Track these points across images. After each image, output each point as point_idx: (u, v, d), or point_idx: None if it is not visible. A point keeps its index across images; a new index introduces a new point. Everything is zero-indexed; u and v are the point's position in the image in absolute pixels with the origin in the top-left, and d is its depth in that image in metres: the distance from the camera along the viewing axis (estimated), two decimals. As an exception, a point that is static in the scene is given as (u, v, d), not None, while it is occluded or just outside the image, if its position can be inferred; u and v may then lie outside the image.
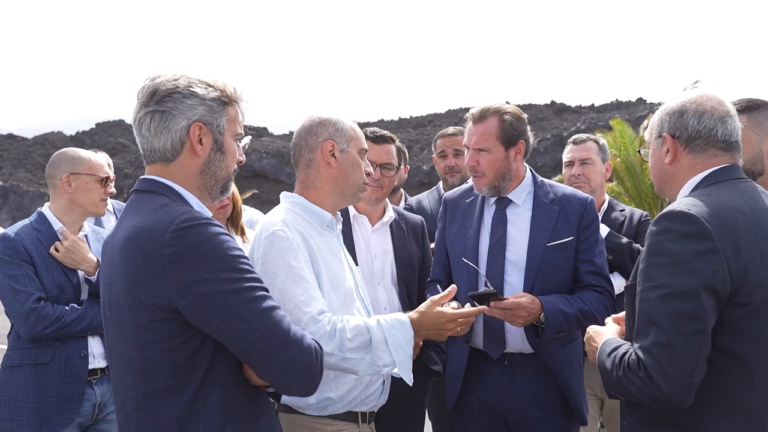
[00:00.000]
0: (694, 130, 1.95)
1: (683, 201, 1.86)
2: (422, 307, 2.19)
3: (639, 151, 2.21)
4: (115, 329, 1.75)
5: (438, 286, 2.87)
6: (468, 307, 2.59)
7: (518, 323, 2.61)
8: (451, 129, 4.13)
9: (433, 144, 4.25)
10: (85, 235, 3.11)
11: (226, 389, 1.70)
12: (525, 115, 2.85)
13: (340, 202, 2.39)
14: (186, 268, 1.60)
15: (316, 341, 1.77)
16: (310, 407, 2.29)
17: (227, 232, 1.70)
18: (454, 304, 2.66)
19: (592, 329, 2.15)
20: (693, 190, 1.93)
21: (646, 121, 11.90)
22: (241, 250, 1.69)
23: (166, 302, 1.61)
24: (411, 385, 2.14)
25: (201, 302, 1.60)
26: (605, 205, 3.74)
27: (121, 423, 1.79)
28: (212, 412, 1.68)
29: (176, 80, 1.77)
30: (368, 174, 2.43)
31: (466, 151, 2.87)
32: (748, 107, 2.57)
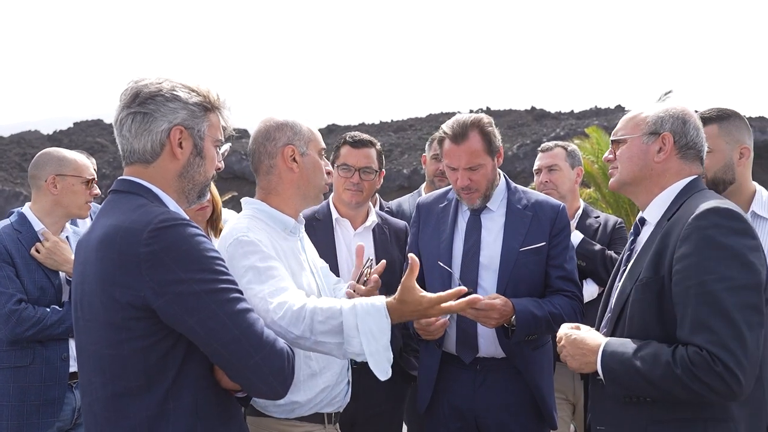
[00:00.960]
0: (692, 140, 2.11)
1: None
2: (399, 294, 1.94)
3: (612, 140, 2.25)
4: (87, 328, 1.75)
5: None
6: (443, 318, 2.62)
7: (490, 324, 2.64)
8: None
9: (428, 144, 4.19)
10: (67, 237, 3.09)
11: (196, 391, 1.71)
12: (493, 120, 2.88)
13: (302, 205, 2.39)
14: (162, 267, 1.61)
15: (288, 345, 1.77)
16: (278, 409, 2.29)
17: (204, 233, 1.71)
18: None
19: (569, 333, 2.10)
20: (680, 192, 2.05)
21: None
22: (217, 252, 1.71)
23: (141, 301, 1.62)
24: (382, 379, 1.92)
25: (176, 302, 1.62)
26: (580, 211, 3.78)
27: (88, 424, 1.78)
28: (182, 414, 1.68)
29: (160, 83, 1.79)
30: (328, 173, 2.40)
31: (448, 170, 2.84)
32: (720, 117, 2.65)
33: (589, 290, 3.47)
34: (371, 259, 2.52)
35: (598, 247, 3.55)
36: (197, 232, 1.68)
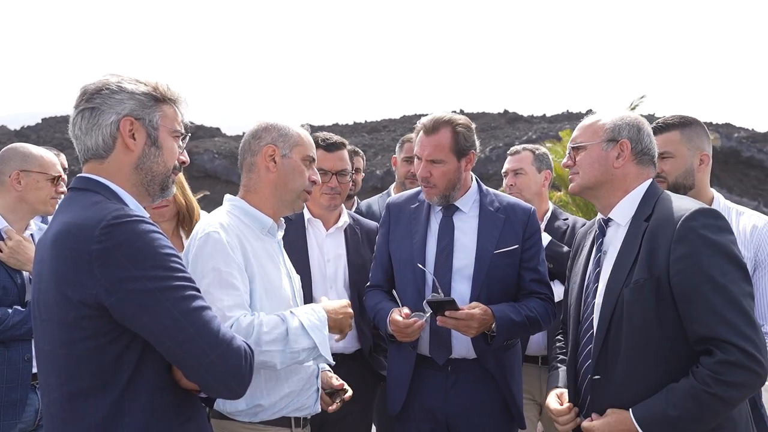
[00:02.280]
0: (647, 146, 2.25)
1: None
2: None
3: (571, 147, 2.33)
4: (43, 327, 1.72)
5: (394, 294, 2.87)
6: (420, 314, 2.65)
7: (470, 333, 2.65)
8: None
9: (399, 146, 4.19)
10: (31, 234, 3.02)
11: (153, 391, 1.67)
12: (473, 125, 2.91)
13: (279, 207, 2.38)
14: (115, 264, 1.58)
15: (246, 343, 1.75)
16: (241, 413, 2.27)
17: (160, 230, 1.68)
18: (406, 310, 2.71)
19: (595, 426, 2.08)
20: (645, 194, 2.19)
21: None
22: (173, 249, 1.68)
23: (94, 299, 1.59)
24: (332, 364, 2.32)
25: (129, 300, 1.58)
26: (548, 214, 3.81)
27: (47, 426, 1.74)
28: (138, 414, 1.65)
29: (106, 78, 1.79)
30: (314, 182, 2.41)
31: (416, 160, 2.89)
32: (682, 123, 2.71)
33: (558, 291, 3.51)
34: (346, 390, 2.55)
35: (566, 249, 3.58)
36: (152, 229, 1.65)
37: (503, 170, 3.91)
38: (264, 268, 2.25)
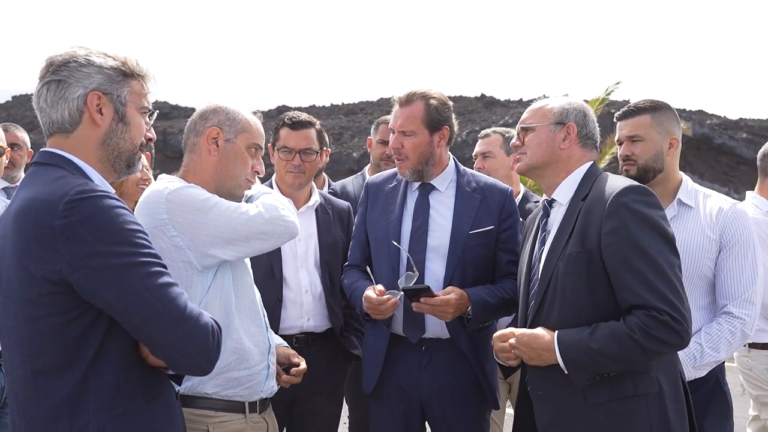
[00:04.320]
0: (591, 131, 2.37)
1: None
2: None
3: (520, 128, 2.41)
4: (5, 304, 1.68)
5: (367, 269, 2.88)
6: (394, 292, 2.65)
7: (446, 318, 2.65)
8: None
9: (374, 128, 4.16)
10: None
11: (119, 367, 1.65)
12: (450, 103, 2.89)
13: (219, 193, 2.26)
14: (79, 240, 1.55)
15: (214, 319, 1.73)
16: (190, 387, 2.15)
17: (125, 205, 1.65)
18: (380, 287, 2.70)
19: (518, 335, 2.21)
20: (585, 175, 2.30)
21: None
22: (139, 224, 1.66)
23: (57, 275, 1.56)
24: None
25: (93, 276, 1.56)
26: (520, 196, 3.82)
27: (11, 403, 1.72)
28: (103, 391, 1.63)
29: (74, 51, 1.74)
30: (257, 173, 2.35)
31: (391, 134, 2.87)
32: (652, 107, 2.74)
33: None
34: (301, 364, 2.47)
35: None
36: (116, 204, 1.62)
37: (473, 153, 3.93)
38: None
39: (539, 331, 2.17)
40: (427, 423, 2.91)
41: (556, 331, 2.13)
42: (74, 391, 1.61)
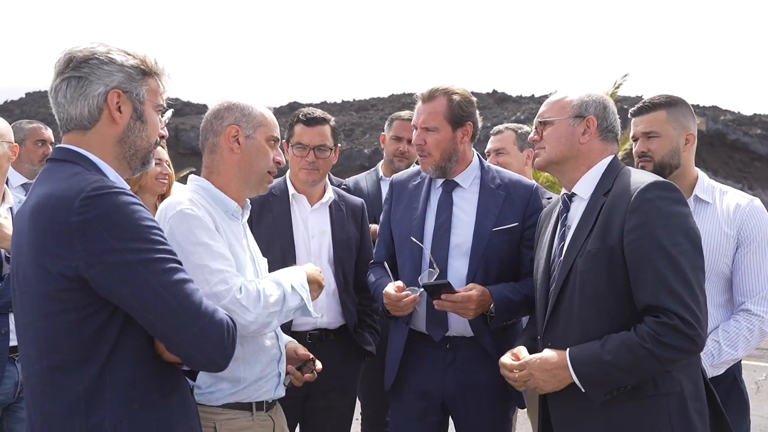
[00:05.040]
0: (611, 124, 2.31)
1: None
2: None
3: (538, 122, 2.36)
4: (22, 300, 1.69)
5: (385, 265, 2.86)
6: (414, 288, 2.65)
7: (469, 315, 2.62)
8: (407, 113, 3.97)
9: (387, 124, 4.13)
10: (10, 208, 2.95)
11: (134, 364, 1.66)
12: (474, 98, 2.86)
13: (244, 189, 2.31)
14: (95, 236, 1.55)
15: (229, 316, 1.74)
16: (201, 397, 2.18)
17: (140, 202, 1.65)
18: (400, 283, 2.70)
19: (529, 360, 2.17)
20: (607, 169, 2.24)
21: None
22: (154, 221, 1.66)
23: (74, 271, 1.57)
24: (317, 317, 2.34)
25: (109, 272, 1.56)
26: None
27: (27, 398, 1.73)
28: (119, 387, 1.63)
29: (94, 48, 1.73)
30: (278, 163, 2.35)
31: (414, 130, 2.85)
32: (668, 103, 2.71)
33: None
34: (314, 359, 2.47)
35: None
36: (132, 201, 1.62)
37: (486, 150, 3.91)
38: (233, 248, 2.21)
39: (547, 353, 2.14)
40: (451, 421, 2.89)
41: (567, 349, 2.08)
42: (90, 387, 1.62)
